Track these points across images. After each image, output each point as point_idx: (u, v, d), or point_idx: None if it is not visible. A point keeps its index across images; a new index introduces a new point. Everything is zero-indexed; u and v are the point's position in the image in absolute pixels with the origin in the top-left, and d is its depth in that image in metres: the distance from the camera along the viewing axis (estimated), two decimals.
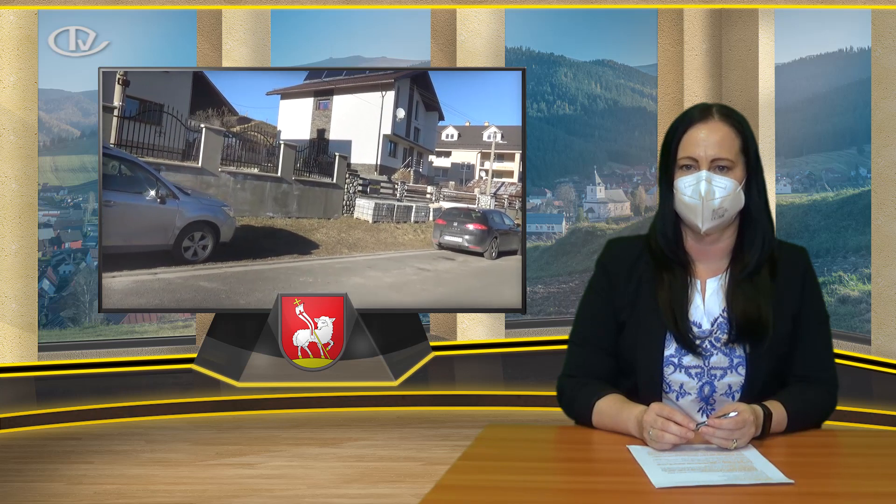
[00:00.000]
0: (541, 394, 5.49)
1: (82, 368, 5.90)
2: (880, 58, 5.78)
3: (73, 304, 7.61)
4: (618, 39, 8.40)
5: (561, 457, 2.15)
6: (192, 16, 6.43)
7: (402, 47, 7.47)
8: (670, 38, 6.71)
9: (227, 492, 4.14)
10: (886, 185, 5.79)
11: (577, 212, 8.62)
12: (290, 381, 5.47)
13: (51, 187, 7.63)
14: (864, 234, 6.72)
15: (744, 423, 2.02)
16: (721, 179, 2.20)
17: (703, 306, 2.26)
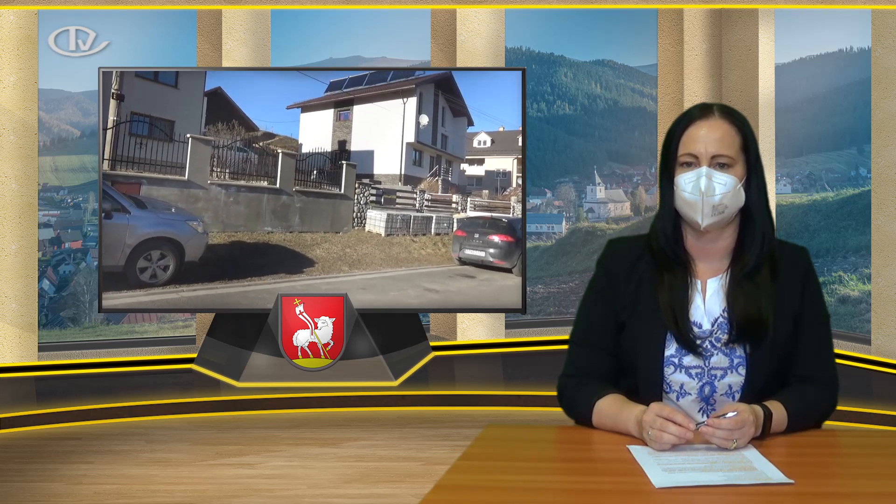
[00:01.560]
0: (541, 394, 5.49)
1: (82, 368, 5.90)
2: (880, 58, 5.78)
3: (73, 304, 7.61)
4: (618, 39, 8.40)
5: (561, 457, 2.15)
6: (192, 16, 6.43)
7: (402, 47, 7.47)
8: (670, 38, 6.71)
9: (227, 492, 4.14)
10: (886, 185, 5.79)
11: (577, 212, 8.62)
12: (290, 381, 5.47)
13: (51, 187, 7.63)
14: (864, 234, 6.72)
15: (743, 423, 2.02)
16: (721, 176, 2.20)
17: (704, 306, 2.26)
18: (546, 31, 8.38)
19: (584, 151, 8.87)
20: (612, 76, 8.88)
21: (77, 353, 6.40)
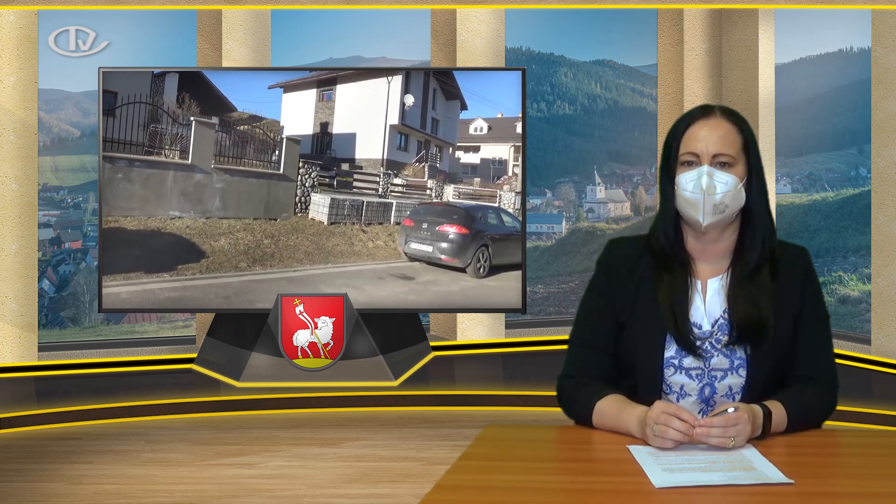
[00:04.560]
0: (541, 394, 5.49)
1: (82, 368, 5.90)
2: (880, 58, 5.78)
3: (73, 304, 7.61)
4: (618, 39, 8.41)
5: (561, 457, 2.15)
6: (192, 16, 6.43)
7: (402, 47, 7.47)
8: (670, 38, 6.71)
9: (227, 492, 4.14)
10: (886, 185, 5.79)
11: (577, 212, 8.62)
12: (290, 381, 5.47)
13: (51, 187, 7.63)
14: (864, 234, 6.72)
15: (737, 420, 2.02)
16: (722, 175, 2.20)
17: (704, 307, 2.26)
18: (546, 31, 8.38)
19: (584, 151, 8.87)
20: (612, 76, 8.88)
21: (77, 353, 6.40)
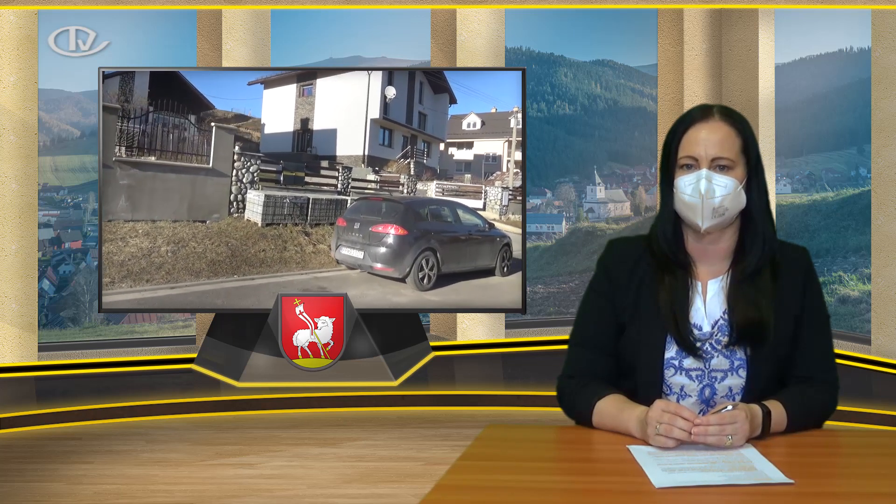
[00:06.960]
0: (541, 394, 5.49)
1: (82, 368, 5.90)
2: (880, 58, 5.78)
3: (73, 304, 7.61)
4: (618, 39, 8.41)
5: (561, 457, 2.15)
6: (192, 16, 6.43)
7: (402, 47, 7.47)
8: (670, 38, 6.71)
9: (226, 492, 4.14)
10: (886, 185, 5.79)
11: (577, 212, 8.62)
12: (290, 381, 5.47)
13: (51, 187, 7.63)
14: (864, 234, 6.72)
15: (734, 419, 2.01)
16: (721, 178, 2.20)
17: (704, 308, 2.26)
18: (546, 31, 8.38)
19: (584, 151, 8.87)
20: (612, 76, 8.88)
21: (77, 353, 6.40)
